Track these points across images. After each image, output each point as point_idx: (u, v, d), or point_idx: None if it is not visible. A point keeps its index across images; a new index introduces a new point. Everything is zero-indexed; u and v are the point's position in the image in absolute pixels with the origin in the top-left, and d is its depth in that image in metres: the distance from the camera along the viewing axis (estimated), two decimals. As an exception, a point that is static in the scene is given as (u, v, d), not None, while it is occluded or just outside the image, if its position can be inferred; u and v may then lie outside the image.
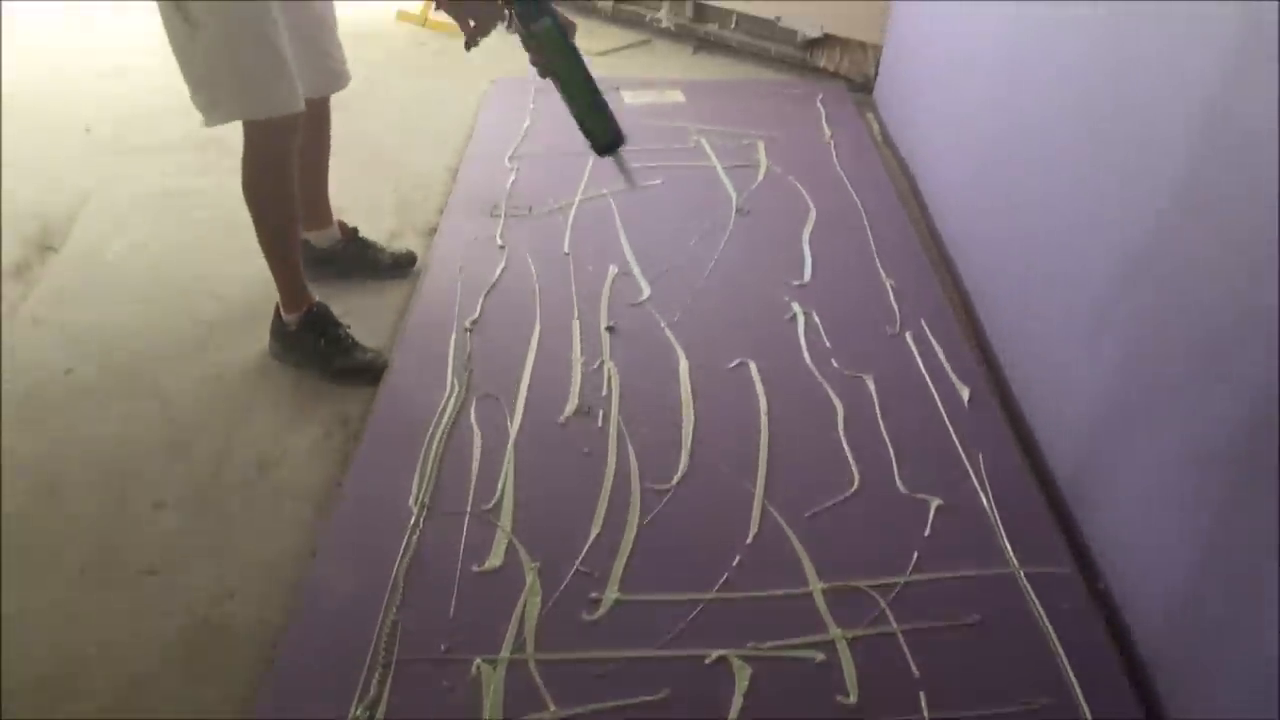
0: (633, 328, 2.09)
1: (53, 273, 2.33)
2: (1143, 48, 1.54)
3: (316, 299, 2.02)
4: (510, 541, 1.58)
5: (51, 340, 2.10)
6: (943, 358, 2.00)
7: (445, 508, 1.64)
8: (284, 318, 2.01)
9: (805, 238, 2.43)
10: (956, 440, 1.79)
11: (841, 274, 2.30)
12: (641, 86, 3.23)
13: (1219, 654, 1.25)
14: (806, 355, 2.01)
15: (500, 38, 1.67)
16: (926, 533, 1.61)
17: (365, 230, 2.35)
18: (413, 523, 1.60)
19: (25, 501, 1.71)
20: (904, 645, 1.42)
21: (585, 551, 1.56)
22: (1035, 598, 1.49)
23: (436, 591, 1.49)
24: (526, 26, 1.52)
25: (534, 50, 1.54)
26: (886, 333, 2.09)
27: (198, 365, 2.04)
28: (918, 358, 2.01)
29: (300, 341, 2.00)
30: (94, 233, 2.47)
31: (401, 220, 2.57)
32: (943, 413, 1.86)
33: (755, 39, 3.67)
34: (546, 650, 1.41)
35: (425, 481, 1.68)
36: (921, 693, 1.36)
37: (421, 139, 2.99)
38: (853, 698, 1.35)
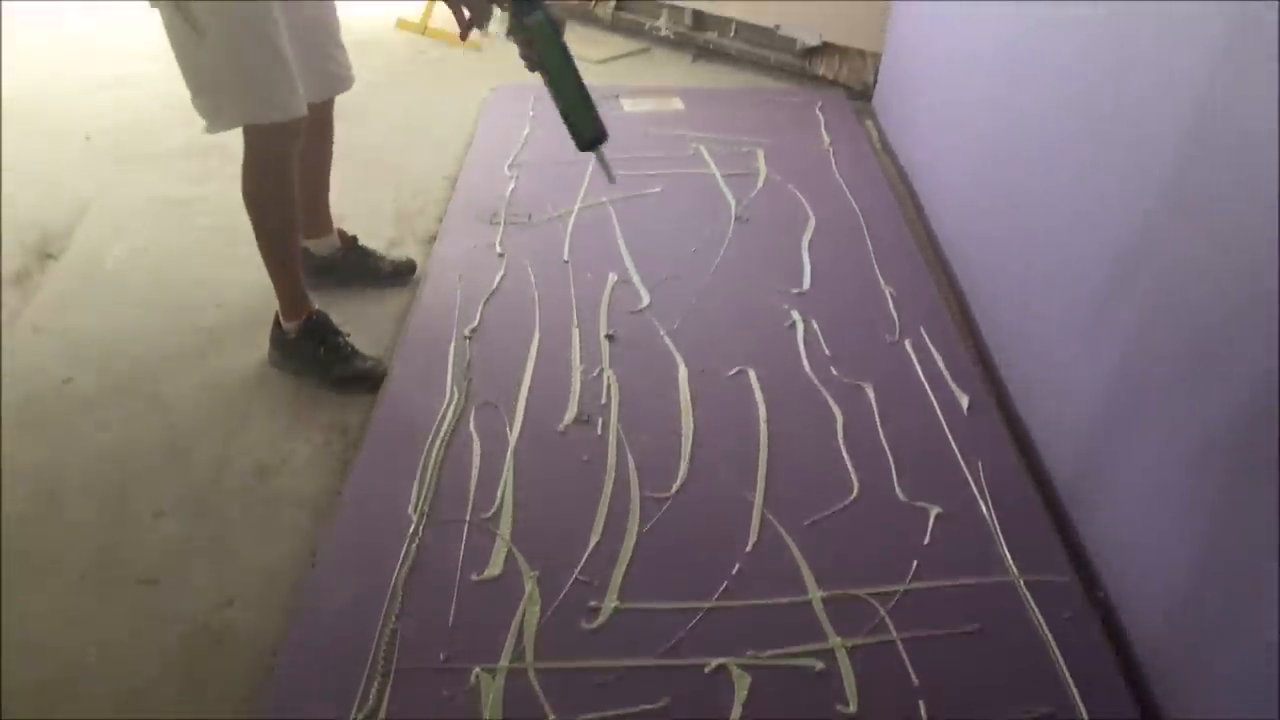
0: (632, 335, 2.09)
1: (53, 280, 2.33)
2: (1140, 49, 1.55)
3: (316, 307, 2.02)
4: (509, 550, 1.58)
5: (51, 347, 2.10)
6: (942, 365, 2.01)
7: (444, 516, 1.64)
8: (283, 325, 2.01)
9: (804, 245, 2.43)
10: (956, 448, 1.80)
11: (841, 281, 2.30)
12: (641, 94, 3.22)
13: (1218, 654, 1.25)
14: (806, 363, 2.02)
15: (502, 46, 1.68)
16: (926, 541, 1.61)
17: (365, 238, 2.35)
18: (412, 531, 1.60)
19: (25, 508, 1.71)
20: (903, 654, 1.42)
21: (584, 560, 1.56)
22: (1035, 606, 1.49)
23: (436, 600, 1.49)
24: (518, 19, 1.54)
25: (524, 44, 1.56)
26: (886, 340, 2.09)
27: (197, 373, 2.04)
28: (917, 365, 2.01)
29: (300, 349, 2.01)
30: (94, 240, 2.48)
31: (401, 228, 2.58)
32: (942, 420, 1.86)
33: (754, 47, 3.68)
34: (546, 659, 1.41)
35: (424, 489, 1.69)
36: (921, 701, 1.36)
37: (421, 146, 3.00)
38: (852, 706, 1.35)
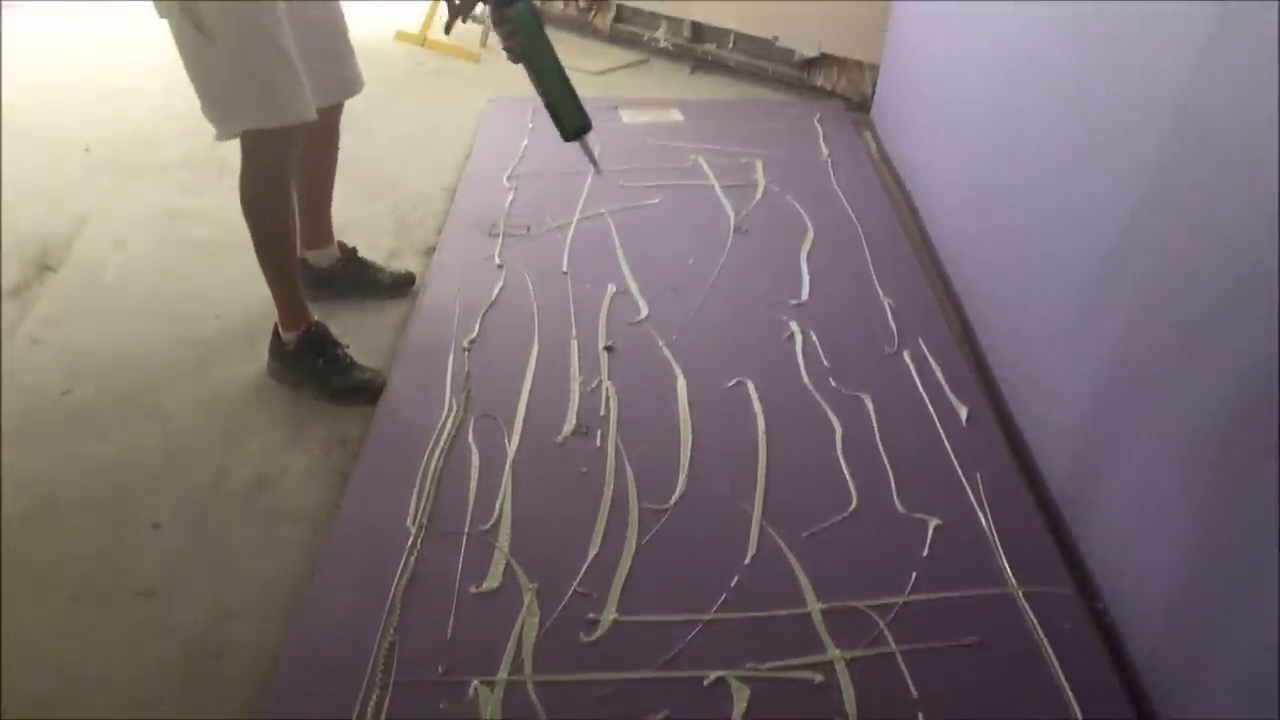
0: (631, 347, 2.09)
1: (52, 292, 2.33)
2: (1125, 50, 1.56)
3: (315, 318, 2.02)
4: (508, 562, 1.58)
5: (51, 359, 2.10)
6: (940, 376, 2.01)
7: (443, 528, 1.64)
8: (282, 337, 2.01)
9: (803, 256, 2.44)
10: (955, 460, 1.80)
11: (839, 293, 2.30)
12: (639, 106, 3.22)
13: (1216, 653, 1.25)
14: (804, 374, 2.02)
15: (501, 58, 1.69)
16: (925, 553, 1.61)
17: (364, 250, 2.36)
18: (411, 543, 1.60)
19: (24, 521, 1.71)
20: (903, 666, 1.42)
21: (583, 572, 1.56)
22: (1034, 618, 1.49)
23: (434, 612, 1.49)
24: (500, 10, 1.58)
25: (507, 35, 1.60)
26: (884, 352, 2.09)
27: (196, 385, 2.04)
28: (916, 377, 2.01)
29: (299, 361, 2.01)
30: (93, 252, 2.48)
31: (400, 240, 2.58)
32: (941, 432, 1.86)
33: (753, 59, 3.69)
34: (544, 671, 1.41)
35: (423, 501, 1.68)
36: (920, 713, 1.35)
37: (420, 158, 3.01)
38: (851, 719, 1.35)
